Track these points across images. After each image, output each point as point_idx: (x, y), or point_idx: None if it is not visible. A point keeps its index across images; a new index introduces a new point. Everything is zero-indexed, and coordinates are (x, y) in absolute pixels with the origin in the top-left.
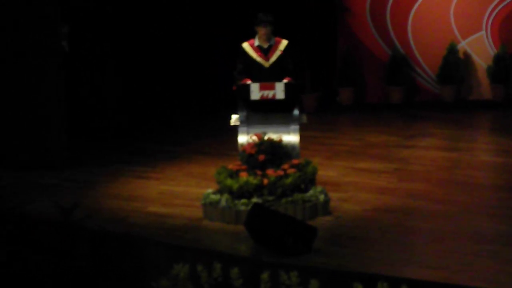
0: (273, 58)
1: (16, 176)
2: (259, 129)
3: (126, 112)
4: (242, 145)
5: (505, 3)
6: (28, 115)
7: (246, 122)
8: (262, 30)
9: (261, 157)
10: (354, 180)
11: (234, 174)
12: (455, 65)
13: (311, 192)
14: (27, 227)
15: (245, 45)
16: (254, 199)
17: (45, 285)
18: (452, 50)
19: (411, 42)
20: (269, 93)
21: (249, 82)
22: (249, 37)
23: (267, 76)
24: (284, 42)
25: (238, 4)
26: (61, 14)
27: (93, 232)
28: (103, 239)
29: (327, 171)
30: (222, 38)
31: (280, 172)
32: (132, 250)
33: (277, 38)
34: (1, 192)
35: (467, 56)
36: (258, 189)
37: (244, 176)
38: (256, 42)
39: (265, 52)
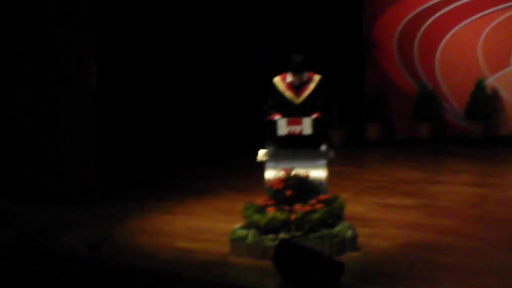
0: (304, 95)
1: (45, 211)
2: (286, 165)
3: (156, 149)
4: (269, 180)
5: None
6: (60, 150)
7: (274, 157)
8: (294, 76)
9: (288, 193)
10: (382, 216)
11: (261, 210)
12: (483, 100)
13: (338, 227)
14: (54, 263)
15: (277, 80)
16: (282, 235)
17: None
18: (480, 85)
19: (439, 77)
20: (296, 128)
21: (277, 117)
22: (282, 70)
23: (297, 112)
24: (316, 78)
25: (272, 38)
26: (93, 49)
27: (122, 268)
28: (132, 275)
29: (354, 207)
30: (255, 72)
31: (308, 208)
32: (160, 286)
33: (309, 74)
34: (30, 228)
35: (495, 91)
36: (286, 225)
37: (271, 211)
38: (289, 78)
39: (296, 88)
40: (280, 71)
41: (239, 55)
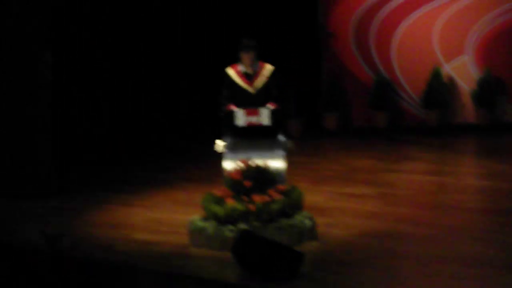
0: (258, 83)
1: (3, 204)
2: (244, 155)
3: (113, 140)
4: (228, 171)
5: (490, 26)
6: (16, 143)
7: (232, 148)
8: (245, 55)
9: (247, 183)
10: (340, 205)
11: (220, 201)
12: (439, 89)
13: (297, 217)
14: (12, 256)
15: (230, 71)
16: (241, 225)
17: None
18: (436, 74)
19: (395, 66)
20: (254, 119)
21: (234, 108)
22: (234, 61)
23: (252, 102)
24: (269, 67)
25: (222, 29)
26: (48, 41)
27: (81, 261)
28: (91, 268)
29: (313, 196)
30: (207, 63)
31: (266, 198)
32: (119, 278)
33: (260, 63)
34: None
35: (451, 80)
36: (245, 215)
37: (230, 202)
38: (241, 68)
39: (249, 77)
40: (234, 61)
41: (190, 44)
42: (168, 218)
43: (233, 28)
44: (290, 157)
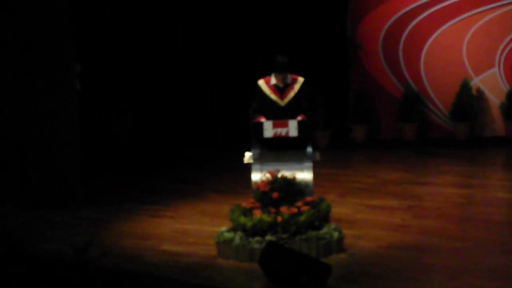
0: (289, 97)
1: (30, 215)
2: (272, 167)
3: (140, 150)
4: (255, 182)
5: None
6: (43, 154)
7: (260, 159)
8: (277, 77)
9: (275, 195)
10: (368, 218)
11: (247, 212)
12: (468, 102)
13: (325, 229)
14: (40, 266)
15: (261, 83)
16: (268, 237)
17: None
18: (465, 87)
19: (424, 78)
20: (282, 131)
21: (262, 119)
22: (265, 73)
23: (282, 114)
24: (300, 80)
25: (255, 41)
26: (74, 53)
27: (108, 271)
28: (118, 278)
29: (341, 209)
30: (239, 75)
31: (294, 210)
32: None
33: (293, 76)
34: (15, 232)
35: (480, 93)
36: (272, 227)
37: (257, 214)
38: (272, 81)
39: (281, 91)
40: (265, 73)
41: (224, 57)
42: (195, 229)
43: (266, 40)
44: (318, 169)
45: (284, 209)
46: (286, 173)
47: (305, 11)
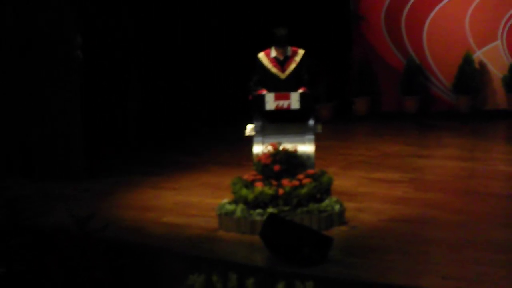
0: (289, 69)
1: (33, 186)
2: (274, 139)
3: (143, 122)
4: (257, 155)
5: None
6: (46, 126)
7: (261, 132)
8: (278, 50)
9: (277, 167)
10: (369, 190)
11: (249, 184)
12: (470, 75)
13: (326, 202)
14: (43, 238)
15: (261, 56)
16: (270, 209)
17: None
18: (467, 60)
19: (426, 51)
20: (284, 103)
21: (264, 92)
22: (265, 46)
23: (282, 87)
24: (301, 52)
25: (254, 13)
26: (76, 23)
27: (109, 243)
28: (119, 250)
29: (342, 181)
30: (238, 48)
31: (296, 182)
32: (148, 261)
33: (293, 48)
34: (17, 203)
35: (482, 66)
36: (274, 199)
37: (259, 186)
38: (273, 53)
39: (281, 63)
40: (264, 47)
41: (223, 30)
42: (197, 202)
43: (266, 12)
44: (319, 142)
45: (285, 182)
46: (287, 145)
47: None
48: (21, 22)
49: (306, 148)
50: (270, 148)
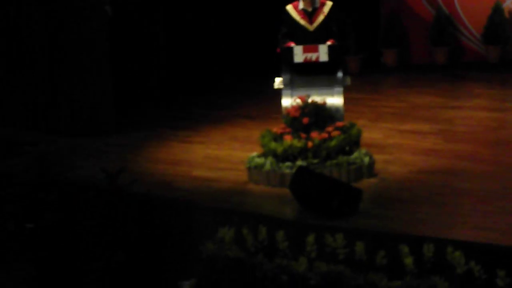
0: (318, 21)
1: (62, 142)
2: (303, 92)
3: (171, 75)
4: (286, 108)
5: None
6: (74, 81)
7: (290, 85)
8: (306, 0)
9: (305, 120)
10: (399, 142)
11: (278, 137)
12: (500, 24)
13: (355, 154)
14: (73, 192)
15: (289, 8)
16: (299, 162)
17: (92, 250)
18: (497, 9)
19: (456, 1)
20: (312, 56)
21: (292, 44)
22: None
23: (311, 39)
24: (329, 4)
25: None
26: None
27: (140, 197)
28: (150, 204)
29: (371, 133)
30: (266, 0)
31: (325, 135)
32: (178, 214)
33: (321, 0)
34: (48, 158)
35: None
36: (303, 152)
37: (288, 139)
38: (301, 5)
39: (309, 15)
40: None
41: None
42: (226, 155)
43: None
44: (348, 94)
45: (314, 134)
46: (316, 98)
47: None
48: None
49: (335, 100)
50: (298, 101)
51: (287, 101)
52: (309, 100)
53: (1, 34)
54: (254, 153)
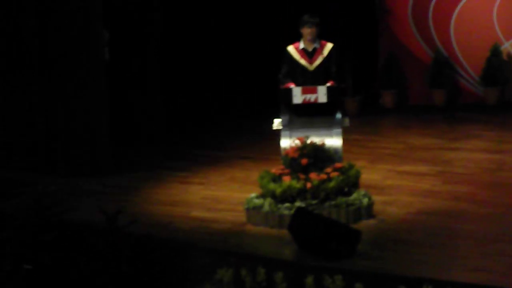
0: (318, 61)
1: (60, 182)
2: (301, 133)
3: (169, 117)
4: (284, 149)
5: None
6: (72, 122)
7: (289, 126)
8: (307, 31)
9: (304, 161)
10: (397, 183)
11: (277, 178)
12: (498, 67)
13: (354, 195)
14: (71, 233)
15: (290, 48)
16: (298, 203)
17: None
18: (495, 51)
19: (454, 44)
20: (311, 97)
21: (291, 85)
22: (294, 40)
23: (311, 80)
24: (329, 46)
25: (283, 6)
26: (103, 20)
27: (138, 238)
28: (148, 245)
29: (370, 175)
30: (266, 41)
31: (323, 176)
32: (176, 255)
33: (322, 41)
34: (46, 199)
35: (510, 57)
36: (301, 193)
37: (287, 180)
38: (301, 45)
39: (309, 55)
40: (293, 39)
41: (250, 24)
42: (225, 196)
43: (294, 5)
44: (347, 135)
45: (313, 175)
46: (315, 139)
47: None
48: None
49: (334, 141)
50: (297, 141)
51: (286, 142)
52: (308, 141)
53: None
54: (253, 194)
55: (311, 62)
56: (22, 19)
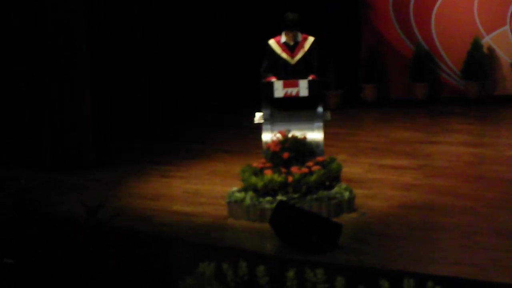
0: (299, 55)
1: (43, 177)
2: (283, 127)
3: (151, 111)
4: (266, 142)
5: None
6: (55, 116)
7: (270, 119)
8: (289, 34)
9: (286, 155)
10: (379, 177)
11: (258, 172)
12: (479, 60)
13: (336, 189)
14: (53, 228)
15: (271, 42)
16: (279, 197)
17: (73, 285)
18: (476, 45)
19: (435, 37)
20: (292, 91)
21: (273, 79)
22: (275, 33)
23: (292, 73)
24: (310, 39)
25: (263, 1)
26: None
27: (120, 232)
28: (130, 239)
29: (351, 168)
30: (248, 34)
31: (305, 170)
32: (158, 250)
33: (303, 35)
34: (28, 194)
35: (491, 51)
36: (283, 187)
37: (268, 174)
38: (283, 39)
39: (291, 49)
40: (274, 33)
41: (232, 16)
42: (206, 190)
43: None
44: (328, 129)
45: (295, 169)
46: (296, 133)
47: None
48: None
49: (315, 135)
50: (279, 135)
51: (267, 136)
52: (290, 135)
53: None
54: (234, 188)
55: (292, 56)
56: (9, 17)
